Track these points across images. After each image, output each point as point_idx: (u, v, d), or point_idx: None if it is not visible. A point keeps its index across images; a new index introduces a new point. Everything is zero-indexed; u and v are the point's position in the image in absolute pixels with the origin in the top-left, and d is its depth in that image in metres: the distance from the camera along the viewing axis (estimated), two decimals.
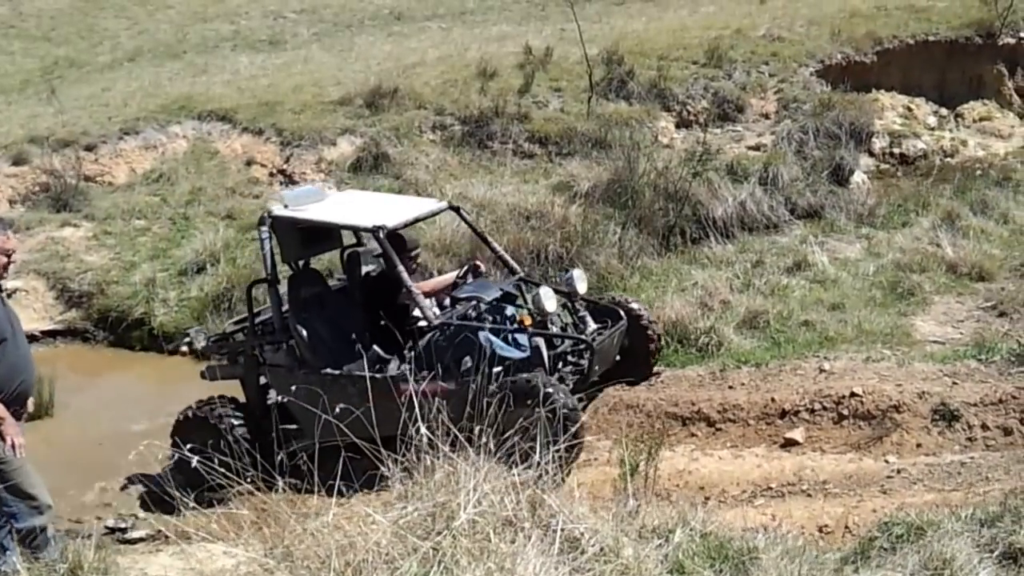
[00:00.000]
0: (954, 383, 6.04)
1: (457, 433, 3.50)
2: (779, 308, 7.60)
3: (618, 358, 6.35)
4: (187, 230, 9.92)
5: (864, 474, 5.15)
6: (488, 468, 3.35)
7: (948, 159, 12.48)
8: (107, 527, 5.73)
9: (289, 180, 10.82)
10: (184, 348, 7.93)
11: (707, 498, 4.93)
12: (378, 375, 5.74)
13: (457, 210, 6.76)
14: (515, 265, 6.81)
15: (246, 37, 17.72)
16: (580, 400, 5.75)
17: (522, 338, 5.91)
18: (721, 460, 5.36)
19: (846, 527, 4.60)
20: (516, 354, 5.83)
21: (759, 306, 7.60)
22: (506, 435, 4.33)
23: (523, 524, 3.20)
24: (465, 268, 6.59)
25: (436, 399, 5.50)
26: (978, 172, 11.51)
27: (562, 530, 3.17)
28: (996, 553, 3.24)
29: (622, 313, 6.39)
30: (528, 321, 5.96)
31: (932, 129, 13.20)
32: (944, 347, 6.92)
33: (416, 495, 3.22)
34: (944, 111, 13.65)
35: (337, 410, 4.44)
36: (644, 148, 10.68)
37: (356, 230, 6.54)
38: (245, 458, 5.32)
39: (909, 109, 13.36)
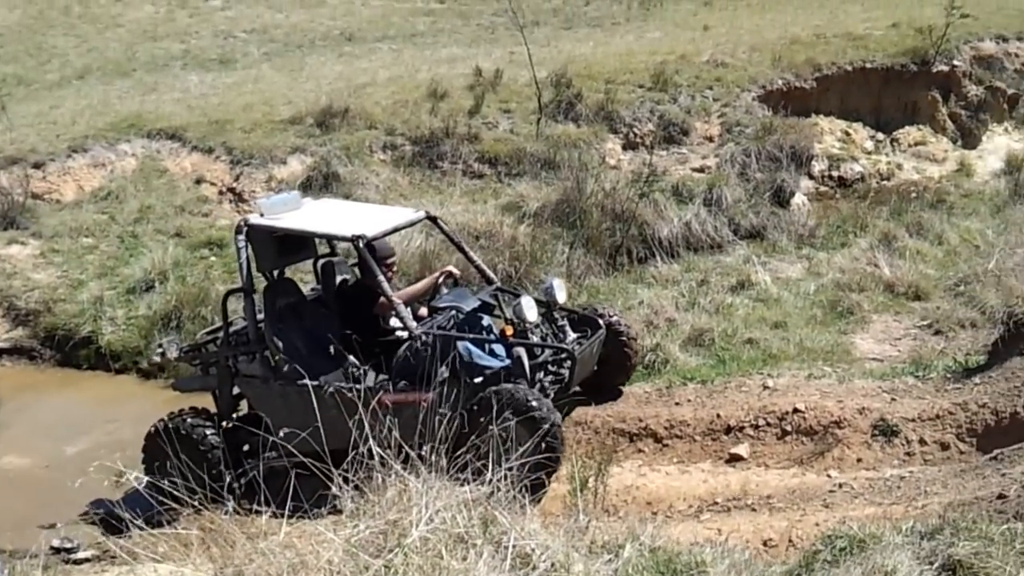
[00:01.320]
0: (893, 399, 6.15)
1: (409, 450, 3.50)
2: (724, 326, 7.69)
3: (595, 367, 6.34)
4: (136, 248, 9.81)
5: (807, 488, 5.21)
6: (440, 485, 3.36)
7: (884, 182, 12.76)
8: (53, 547, 5.55)
9: (239, 199, 10.75)
10: (147, 363, 7.82)
11: (655, 513, 4.93)
12: (357, 386, 5.66)
13: (435, 220, 6.74)
14: (492, 275, 6.80)
15: (196, 56, 17.57)
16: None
17: (499, 348, 5.88)
18: (668, 476, 5.38)
19: (790, 541, 4.62)
20: (495, 363, 5.80)
21: (704, 324, 7.68)
22: (473, 447, 4.40)
23: (475, 541, 3.20)
24: (440, 276, 6.49)
25: (416, 409, 5.39)
26: (913, 195, 11.80)
27: (513, 546, 3.19)
28: (936, 565, 3.27)
29: (601, 323, 6.38)
30: (509, 331, 5.93)
31: (869, 153, 13.46)
32: (883, 364, 7.04)
33: (368, 513, 3.21)
34: (881, 136, 13.92)
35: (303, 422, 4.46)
36: (592, 169, 10.81)
37: (335, 239, 6.49)
38: (218, 468, 5.27)
39: (847, 133, 13.61)
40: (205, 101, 13.46)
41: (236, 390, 6.26)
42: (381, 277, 5.85)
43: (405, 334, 6.09)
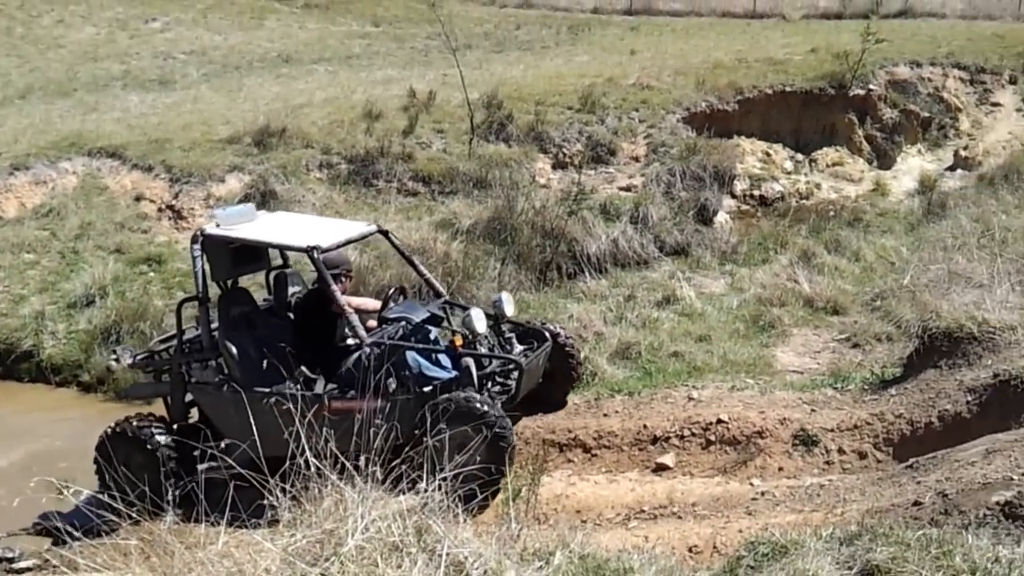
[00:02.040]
0: (813, 410, 6.25)
1: (346, 462, 3.55)
2: (650, 340, 7.81)
3: (540, 380, 6.41)
4: (76, 264, 9.82)
5: (731, 497, 5.27)
6: (376, 495, 3.41)
7: (804, 201, 13.08)
8: None
9: (178, 216, 10.75)
10: (106, 368, 7.71)
11: (584, 521, 4.94)
12: (307, 393, 5.73)
13: (386, 233, 6.81)
14: (440, 288, 6.88)
15: (136, 76, 17.46)
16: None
17: (446, 359, 5.95)
18: (597, 485, 5.41)
19: (714, 547, 4.68)
20: (443, 374, 5.87)
21: (631, 338, 7.80)
22: (410, 456, 4.47)
23: (409, 549, 3.24)
24: (392, 290, 6.58)
25: (364, 416, 5.50)
26: (831, 213, 12.13)
27: (447, 554, 3.22)
28: (855, 570, 3.32)
29: (547, 335, 6.49)
30: (459, 341, 5.98)
31: (789, 173, 13.82)
32: (803, 376, 7.17)
33: (304, 522, 3.25)
34: (800, 156, 14.31)
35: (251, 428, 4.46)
36: (522, 188, 10.99)
37: (291, 250, 6.54)
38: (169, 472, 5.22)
39: (768, 154, 13.96)
40: (145, 120, 13.45)
41: (188, 397, 6.29)
42: (334, 287, 5.94)
43: (355, 343, 6.15)
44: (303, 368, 5.98)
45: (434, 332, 6.32)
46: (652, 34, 20.31)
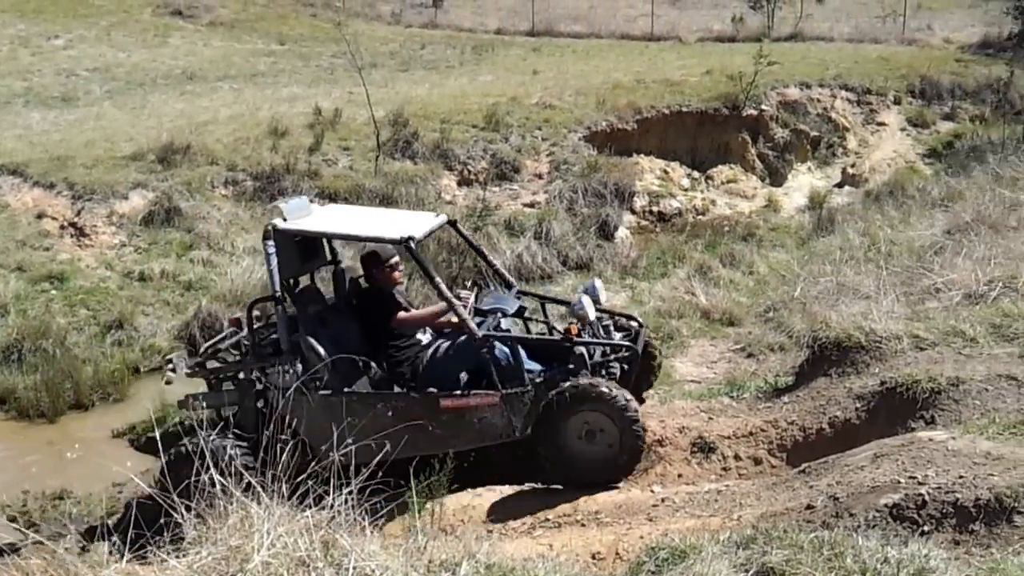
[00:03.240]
0: (710, 418, 6.31)
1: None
2: None
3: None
4: None
5: (632, 503, 5.28)
6: (282, 511, 3.37)
7: (700, 217, 13.48)
8: None
9: (80, 233, 10.43)
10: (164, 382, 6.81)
11: (490, 531, 4.95)
12: (415, 393, 5.52)
13: (454, 224, 6.49)
14: (511, 279, 6.66)
15: (38, 93, 16.84)
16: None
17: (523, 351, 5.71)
18: (503, 495, 5.48)
19: (617, 553, 4.69)
20: (536, 366, 5.74)
21: None
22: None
23: (316, 564, 3.22)
24: (471, 283, 6.40)
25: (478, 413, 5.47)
26: (726, 228, 12.53)
27: (354, 568, 3.20)
28: (751, 573, 3.36)
29: (638, 322, 6.31)
30: (574, 330, 5.77)
31: (686, 190, 14.20)
32: (700, 386, 7.25)
33: (210, 539, 3.20)
34: (696, 174, 14.72)
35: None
36: (428, 204, 11.05)
37: (384, 242, 5.96)
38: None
39: (666, 172, 14.32)
40: (47, 138, 13.06)
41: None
42: (439, 279, 5.68)
43: (425, 339, 5.96)
44: (374, 366, 5.69)
45: (506, 322, 6.12)
46: (554, 55, 20.65)
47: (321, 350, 5.53)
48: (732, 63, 16.25)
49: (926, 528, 3.90)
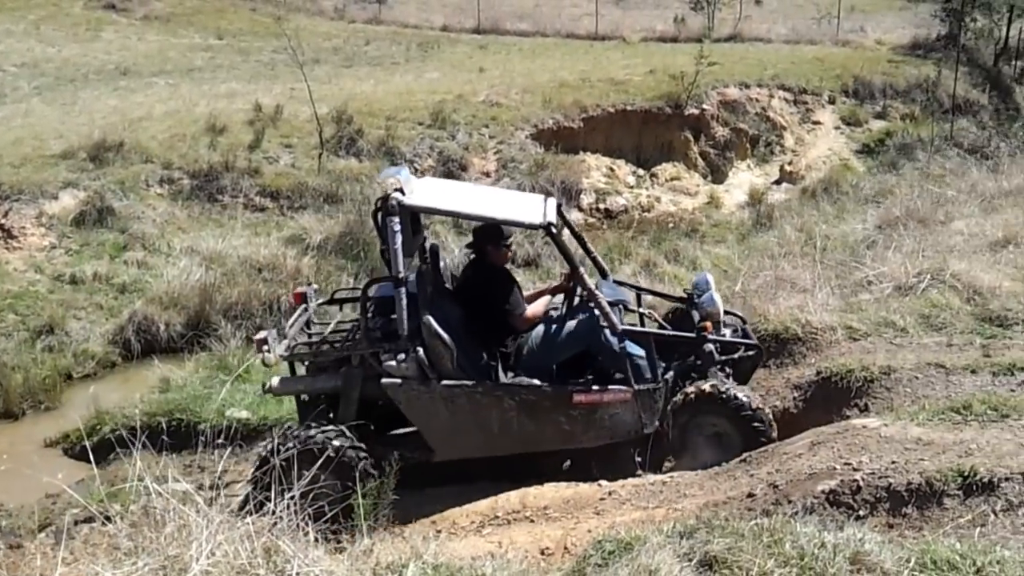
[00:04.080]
0: None
1: None
2: None
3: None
4: None
5: (580, 498, 5.24)
6: (221, 518, 3.32)
7: (645, 214, 13.67)
8: None
9: (7, 235, 10.08)
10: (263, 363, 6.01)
11: (439, 531, 4.91)
12: (550, 387, 5.24)
13: (558, 207, 5.91)
14: (607, 268, 6.42)
15: None
16: None
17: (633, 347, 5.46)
18: (451, 494, 5.48)
19: (565, 548, 4.69)
20: (642, 356, 5.51)
21: None
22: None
23: (257, 571, 3.18)
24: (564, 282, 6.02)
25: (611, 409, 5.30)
26: (671, 225, 12.75)
27: (297, 574, 3.17)
28: (695, 561, 3.40)
29: (741, 318, 6.16)
30: (709, 326, 5.57)
31: (632, 187, 14.39)
32: None
33: (146, 549, 3.13)
34: (641, 171, 14.92)
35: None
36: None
37: (523, 227, 5.55)
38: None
39: (612, 169, 14.49)
40: None
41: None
42: (582, 270, 5.39)
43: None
44: (484, 355, 5.35)
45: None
46: (500, 53, 20.66)
47: (447, 337, 5.06)
48: (675, 63, 16.48)
49: (861, 513, 4.01)
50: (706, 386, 5.31)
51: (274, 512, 3.51)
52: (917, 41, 21.28)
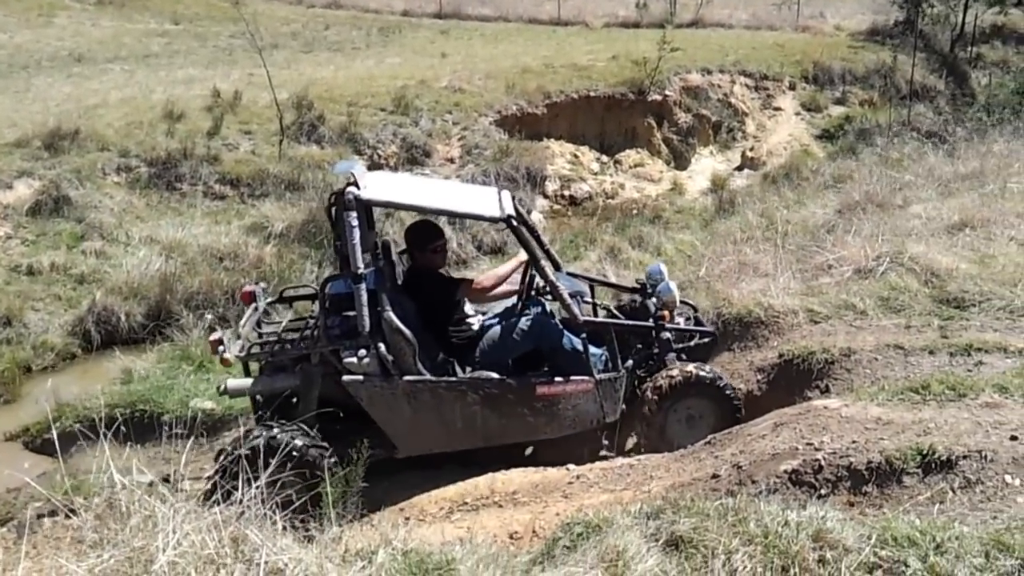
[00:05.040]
0: None
1: None
2: None
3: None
4: None
5: (548, 482, 5.28)
6: (188, 509, 3.28)
7: (610, 200, 13.72)
8: None
9: None
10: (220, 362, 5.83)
11: (407, 518, 4.93)
12: (512, 380, 5.22)
13: (513, 198, 5.85)
14: (559, 259, 6.37)
15: None
16: None
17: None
18: (419, 481, 5.49)
19: (534, 531, 4.72)
20: (597, 350, 5.57)
21: None
22: None
23: (225, 560, 3.15)
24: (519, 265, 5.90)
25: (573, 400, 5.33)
26: (635, 211, 12.77)
27: (266, 563, 3.14)
28: (661, 541, 3.43)
29: (692, 306, 6.31)
30: (667, 315, 5.67)
31: (596, 174, 14.45)
32: None
33: (111, 541, 3.09)
34: (605, 158, 15.01)
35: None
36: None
37: (482, 220, 5.50)
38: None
39: (576, 156, 14.54)
40: None
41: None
42: (545, 261, 5.35)
43: (476, 323, 5.60)
44: (440, 352, 5.33)
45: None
46: (462, 38, 20.58)
47: (408, 332, 5.02)
48: (637, 48, 16.54)
49: (823, 491, 4.06)
50: (691, 369, 5.45)
51: (241, 502, 3.49)
52: (875, 27, 21.59)
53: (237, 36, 18.54)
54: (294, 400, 5.24)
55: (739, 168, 15.83)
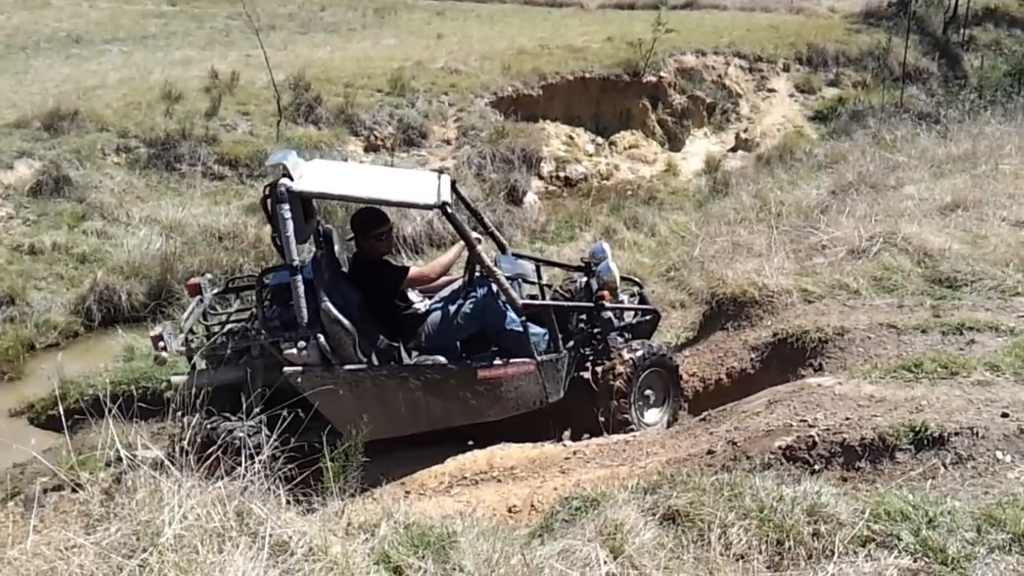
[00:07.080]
0: None
1: None
2: None
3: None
4: None
5: (546, 457, 5.34)
6: (192, 483, 3.33)
7: (605, 181, 13.74)
8: None
9: None
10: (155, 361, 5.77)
11: (408, 492, 4.99)
12: (452, 365, 5.22)
13: (453, 184, 5.83)
14: (504, 241, 6.41)
15: None
16: None
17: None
18: (420, 456, 5.55)
19: (532, 505, 4.76)
20: (539, 330, 5.55)
21: None
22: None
23: (231, 533, 3.19)
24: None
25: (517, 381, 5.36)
26: (629, 192, 12.80)
27: (270, 535, 3.14)
28: (658, 515, 3.46)
29: (639, 283, 6.43)
30: (607, 295, 5.69)
31: (591, 155, 14.45)
32: None
33: (118, 515, 3.13)
34: (600, 139, 15.00)
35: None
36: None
37: (416, 207, 5.57)
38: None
39: (571, 137, 14.54)
40: None
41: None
42: (479, 248, 5.33)
43: (422, 307, 5.57)
44: (382, 337, 5.28)
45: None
46: (458, 19, 20.50)
47: (347, 322, 5.01)
48: (632, 30, 16.51)
49: (817, 467, 4.11)
50: (656, 346, 5.64)
51: (244, 476, 3.53)
52: (869, 9, 21.55)
53: (234, 17, 18.45)
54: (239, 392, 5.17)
55: (733, 149, 15.83)
